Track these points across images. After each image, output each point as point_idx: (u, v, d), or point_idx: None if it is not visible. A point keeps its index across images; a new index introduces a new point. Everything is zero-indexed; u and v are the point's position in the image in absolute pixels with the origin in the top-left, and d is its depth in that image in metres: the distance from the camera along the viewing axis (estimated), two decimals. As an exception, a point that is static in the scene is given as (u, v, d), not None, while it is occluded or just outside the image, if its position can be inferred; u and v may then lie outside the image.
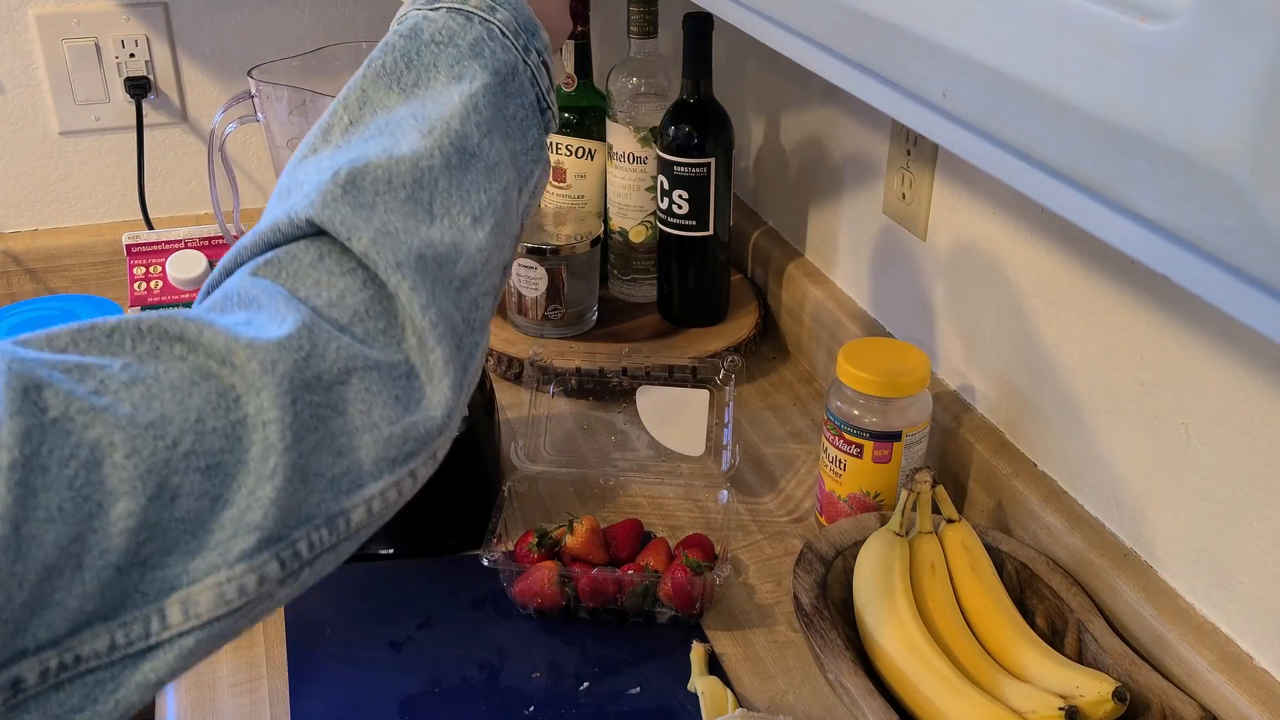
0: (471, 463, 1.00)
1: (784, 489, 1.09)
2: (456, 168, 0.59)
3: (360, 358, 0.52)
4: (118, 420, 0.46)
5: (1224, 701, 0.74)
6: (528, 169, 0.64)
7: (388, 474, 0.53)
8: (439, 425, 0.55)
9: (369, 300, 0.54)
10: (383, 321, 0.54)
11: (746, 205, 1.44)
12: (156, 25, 1.34)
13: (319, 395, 0.51)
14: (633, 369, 1.14)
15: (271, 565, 0.49)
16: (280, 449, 0.48)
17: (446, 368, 0.55)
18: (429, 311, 0.55)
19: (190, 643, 0.47)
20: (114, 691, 0.46)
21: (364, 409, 0.52)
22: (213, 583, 0.47)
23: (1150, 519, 0.83)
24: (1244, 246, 0.32)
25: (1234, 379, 0.74)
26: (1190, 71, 0.32)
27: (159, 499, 0.46)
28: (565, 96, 1.28)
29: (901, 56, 0.48)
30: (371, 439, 0.52)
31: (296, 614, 0.92)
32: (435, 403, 0.55)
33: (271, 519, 0.48)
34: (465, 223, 0.58)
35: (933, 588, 0.84)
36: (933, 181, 1.04)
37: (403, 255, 0.55)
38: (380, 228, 0.55)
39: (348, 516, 0.52)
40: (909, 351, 0.96)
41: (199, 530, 0.47)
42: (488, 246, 0.59)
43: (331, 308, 0.54)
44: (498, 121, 0.62)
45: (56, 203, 1.40)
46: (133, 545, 0.45)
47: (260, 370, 0.49)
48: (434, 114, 0.60)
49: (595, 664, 0.88)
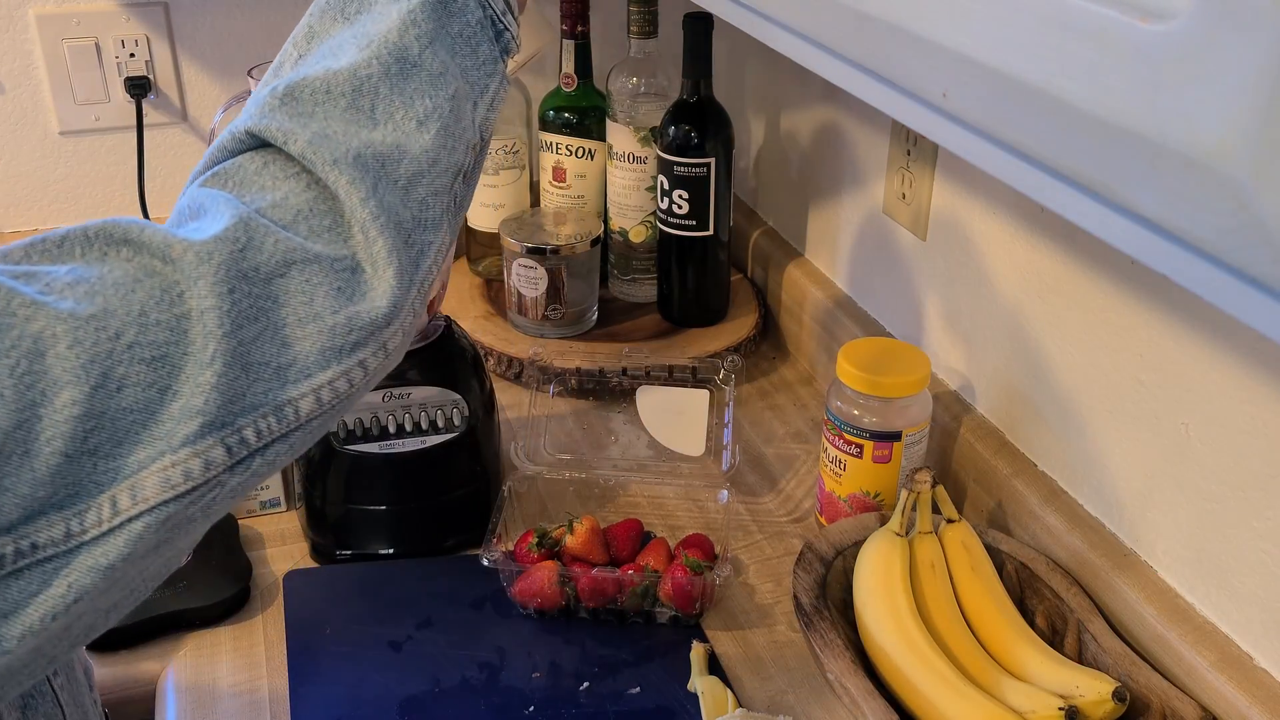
0: (471, 463, 1.00)
1: (784, 489, 1.09)
2: (397, 75, 0.60)
3: (300, 250, 0.54)
4: (59, 314, 0.47)
5: (1224, 701, 0.74)
6: (481, 82, 0.64)
7: (335, 364, 0.54)
8: (385, 314, 0.56)
9: (313, 200, 0.56)
10: (328, 219, 0.56)
11: (746, 205, 1.44)
12: (156, 25, 1.34)
13: (257, 287, 0.52)
14: (633, 369, 1.14)
15: (217, 450, 0.50)
16: (219, 335, 0.50)
17: (390, 257, 0.56)
18: (369, 204, 0.56)
19: (139, 528, 0.49)
20: (67, 576, 0.47)
21: (305, 300, 0.53)
22: (158, 468, 0.49)
23: (1150, 519, 0.83)
24: (1244, 246, 0.32)
25: (1234, 379, 0.74)
26: (1190, 71, 0.32)
27: (104, 389, 0.47)
28: (565, 96, 1.28)
29: (901, 56, 0.48)
30: (315, 329, 0.54)
31: (296, 614, 0.92)
32: (380, 292, 0.56)
33: (214, 404, 0.50)
34: (409, 126, 0.59)
35: (933, 588, 0.84)
36: (933, 181, 1.04)
37: (340, 154, 0.56)
38: (318, 131, 0.56)
39: (296, 405, 0.53)
40: (909, 351, 0.96)
41: (148, 420, 0.49)
42: (434, 148, 0.60)
43: (275, 208, 0.55)
44: (441, 36, 0.62)
45: (56, 203, 1.39)
46: (80, 433, 0.47)
47: (196, 261, 0.50)
48: (373, 30, 0.61)
49: (595, 664, 0.88)
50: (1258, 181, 0.31)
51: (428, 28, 0.61)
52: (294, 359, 0.53)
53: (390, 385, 0.95)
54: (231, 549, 0.96)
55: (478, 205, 1.34)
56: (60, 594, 0.47)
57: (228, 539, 0.97)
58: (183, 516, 0.50)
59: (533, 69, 1.45)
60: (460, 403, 0.97)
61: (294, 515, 1.03)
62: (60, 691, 0.65)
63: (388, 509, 0.97)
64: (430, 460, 0.97)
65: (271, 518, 1.03)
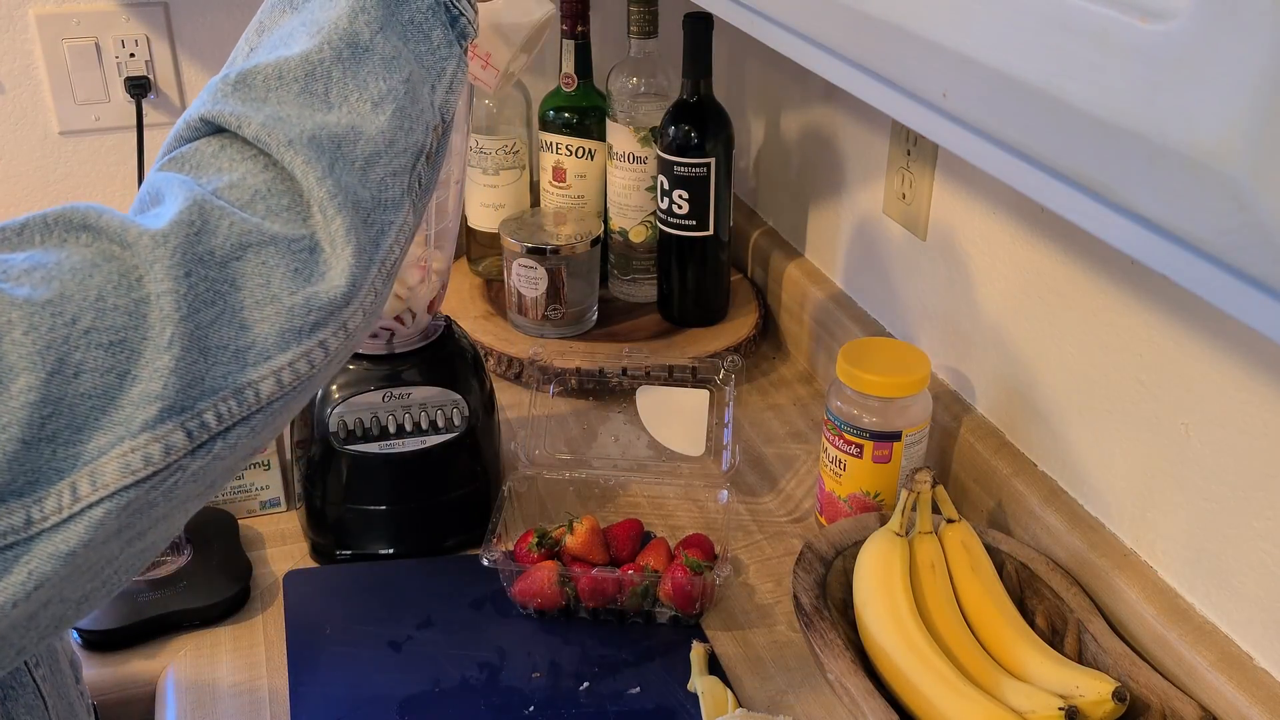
0: (471, 463, 1.00)
1: (784, 489, 1.09)
2: (349, 59, 0.60)
3: (256, 232, 0.53)
4: (14, 300, 0.47)
5: (1224, 701, 0.74)
6: (437, 66, 0.64)
7: (295, 345, 0.54)
8: (344, 294, 0.56)
9: (271, 180, 0.56)
10: (285, 199, 0.55)
11: (746, 205, 1.44)
12: (156, 25, 1.34)
13: (214, 270, 0.52)
14: (633, 369, 1.14)
15: (177, 435, 0.50)
16: (176, 319, 0.50)
17: (349, 235, 0.56)
18: (325, 182, 0.56)
19: (99, 514, 0.48)
20: (27, 563, 0.47)
21: (262, 282, 0.53)
22: (118, 453, 0.48)
23: (1150, 519, 0.83)
24: (1244, 246, 0.32)
25: (1234, 379, 0.74)
26: (1190, 71, 0.32)
27: (60, 374, 0.47)
28: (565, 96, 1.28)
29: (901, 56, 0.48)
30: (273, 310, 0.53)
31: (296, 614, 0.92)
32: (338, 271, 0.55)
33: (172, 388, 0.49)
34: (364, 108, 0.59)
35: (933, 588, 0.84)
36: (933, 181, 1.04)
37: (294, 134, 0.56)
38: (271, 114, 0.56)
39: (256, 388, 0.53)
40: (909, 351, 0.96)
41: (107, 406, 0.48)
42: (390, 129, 0.60)
43: (232, 189, 0.55)
44: (391, 23, 0.62)
45: (56, 202, 1.39)
46: (36, 419, 0.47)
47: (152, 245, 0.50)
48: (322, 18, 0.61)
49: (595, 664, 0.88)
50: (1258, 181, 0.31)
51: (377, 14, 0.61)
52: (253, 341, 0.53)
53: (390, 385, 0.95)
54: (231, 549, 0.96)
55: (477, 205, 1.34)
56: (20, 581, 0.47)
57: (228, 539, 0.97)
58: (144, 501, 0.50)
59: (533, 69, 1.45)
60: (460, 403, 0.97)
61: (294, 515, 1.03)
62: (42, 683, 0.64)
63: (388, 509, 0.97)
64: (430, 460, 0.97)
65: (271, 518, 1.03)
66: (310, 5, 0.62)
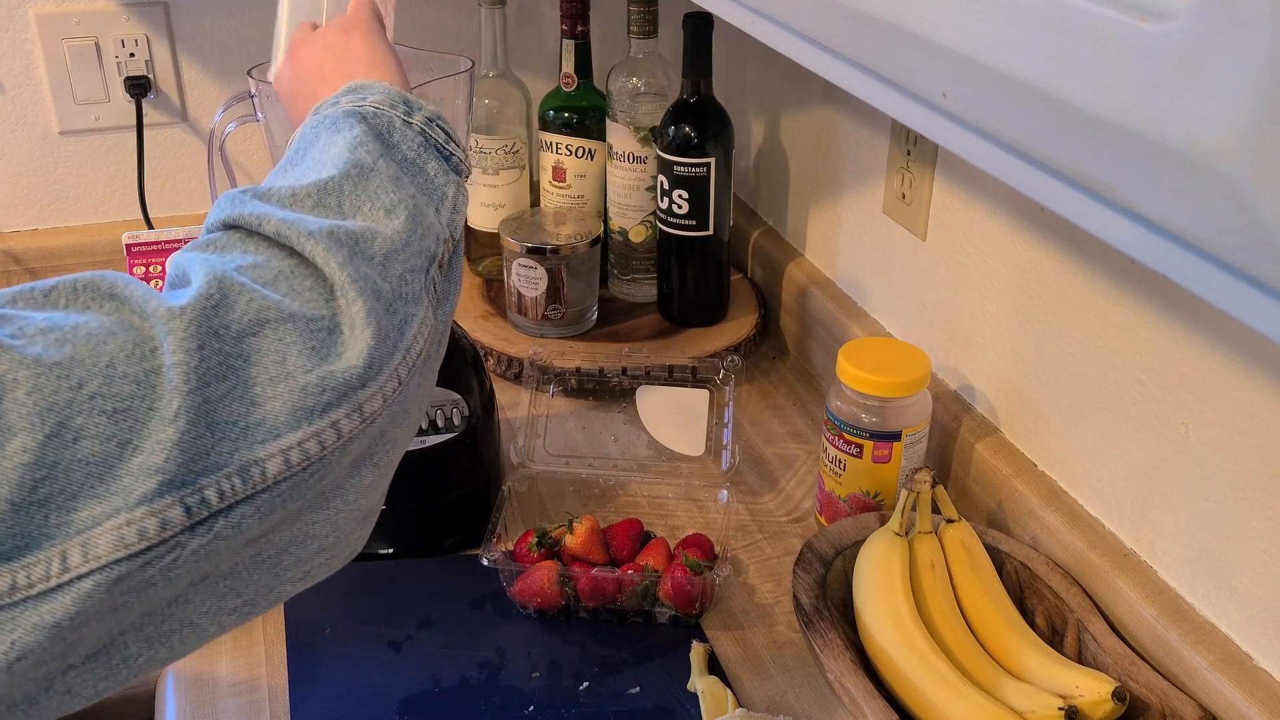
0: (471, 463, 1.00)
1: (784, 489, 1.09)
2: (357, 179, 0.61)
3: (275, 309, 0.53)
4: (23, 358, 0.46)
5: (1224, 701, 0.74)
6: (439, 192, 0.66)
7: (306, 424, 0.52)
8: (359, 375, 0.55)
9: (294, 265, 0.56)
10: (309, 281, 0.55)
11: (746, 205, 1.44)
12: (156, 25, 1.34)
13: (228, 344, 0.51)
14: (633, 369, 1.14)
15: (175, 510, 0.48)
16: (184, 392, 0.49)
17: (369, 319, 0.55)
18: (347, 268, 0.56)
19: (88, 586, 0.47)
20: (11, 632, 0.46)
21: (277, 358, 0.52)
22: (112, 525, 0.47)
23: (1150, 519, 0.83)
24: (1244, 246, 0.32)
25: (1234, 379, 0.74)
26: (1190, 71, 0.32)
27: (59, 438, 0.46)
28: (565, 96, 1.28)
29: (901, 56, 0.48)
30: (286, 388, 0.52)
31: (296, 614, 0.92)
32: (356, 353, 0.55)
33: (174, 462, 0.48)
34: (377, 215, 0.60)
35: (933, 588, 0.84)
36: (933, 181, 1.04)
37: (313, 229, 0.56)
38: (289, 218, 0.57)
39: (263, 466, 0.51)
40: (909, 351, 0.96)
41: (105, 474, 0.47)
42: (405, 231, 0.61)
43: (256, 268, 0.55)
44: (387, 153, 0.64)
45: (56, 202, 1.39)
46: (28, 482, 0.45)
47: (168, 316, 0.50)
48: (324, 156, 0.63)
49: (595, 664, 0.88)
50: (1258, 181, 0.31)
51: (375, 149, 0.63)
52: (263, 418, 0.51)
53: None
54: (231, 549, 0.96)
55: (477, 205, 1.34)
56: (2, 650, 0.45)
57: (228, 539, 0.97)
58: (139, 579, 0.48)
59: (532, 69, 1.45)
60: (460, 403, 0.97)
61: (294, 515, 1.03)
62: None
63: (388, 509, 0.97)
64: (430, 460, 0.97)
65: (271, 518, 1.03)
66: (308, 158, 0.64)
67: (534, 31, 1.47)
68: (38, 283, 0.51)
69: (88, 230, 1.40)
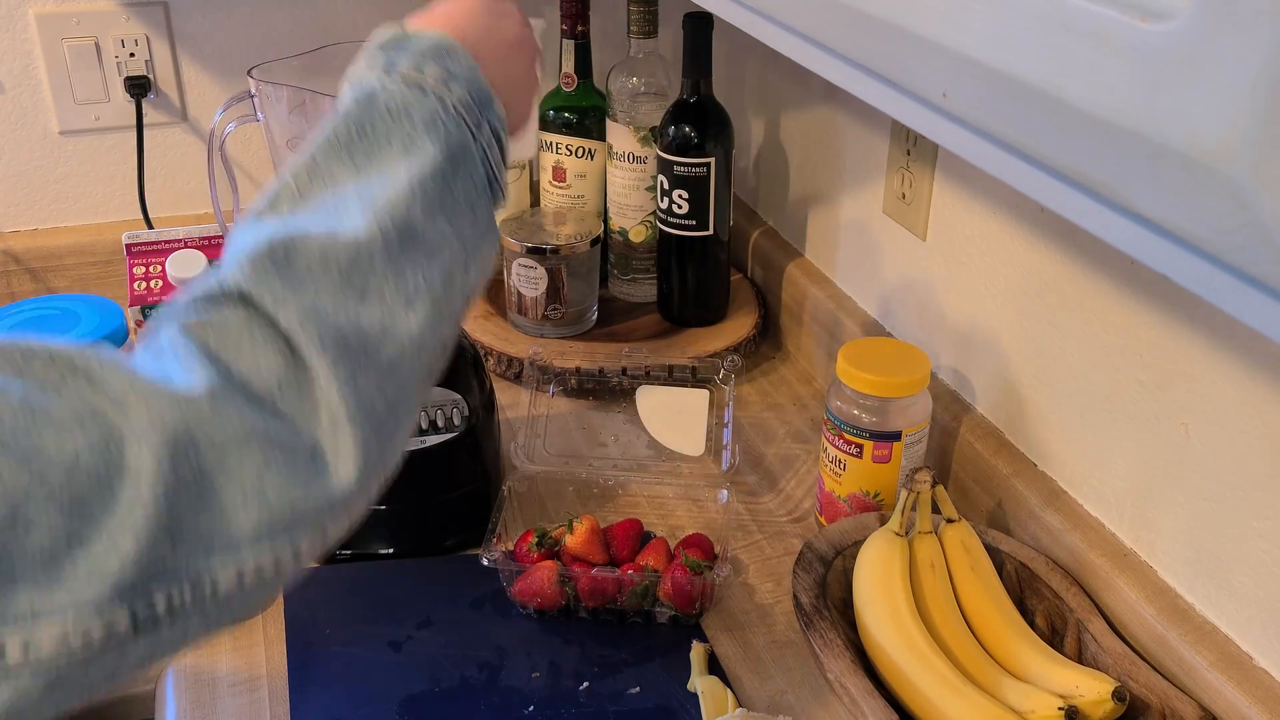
0: (471, 463, 1.00)
1: (784, 489, 1.09)
2: (396, 250, 0.59)
3: (260, 431, 0.51)
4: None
5: (1224, 701, 0.74)
6: (475, 245, 0.64)
7: (266, 542, 0.51)
8: (333, 503, 0.54)
9: (288, 377, 0.54)
10: (296, 398, 0.54)
11: (746, 205, 1.44)
12: (156, 25, 1.34)
13: (207, 458, 0.50)
14: (633, 369, 1.14)
15: (121, 615, 0.47)
16: (149, 503, 0.47)
17: (355, 450, 0.54)
18: (346, 395, 0.54)
19: (24, 684, 0.45)
20: None
21: (254, 478, 0.51)
22: (58, 622, 0.46)
23: (1150, 519, 0.83)
24: (1244, 246, 0.32)
25: (1234, 379, 0.74)
26: (1190, 71, 0.32)
27: (10, 529, 0.45)
28: (565, 96, 1.28)
29: (901, 56, 0.48)
30: (257, 506, 0.51)
31: (296, 614, 0.92)
32: (336, 482, 0.54)
33: (130, 571, 0.47)
34: (398, 306, 0.58)
35: (932, 587, 0.84)
36: (933, 181, 1.04)
37: (327, 334, 0.55)
38: (308, 306, 0.55)
39: (214, 579, 0.50)
40: (909, 351, 0.96)
41: (51, 565, 0.46)
42: (419, 332, 0.59)
43: (248, 374, 0.53)
44: (444, 201, 0.62)
45: (56, 202, 1.39)
46: None
47: (148, 424, 0.48)
48: (380, 194, 0.60)
49: (595, 664, 0.88)
50: (1258, 181, 0.31)
51: (435, 194, 0.61)
52: (223, 531, 0.50)
53: (390, 385, 0.95)
54: (231, 549, 0.96)
55: (478, 205, 1.34)
56: None
57: (228, 539, 0.97)
58: (80, 681, 0.47)
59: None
60: (460, 403, 0.97)
61: (294, 515, 1.03)
62: None
63: (388, 509, 0.97)
64: (430, 460, 0.97)
65: (271, 517, 1.03)
66: (370, 170, 0.61)
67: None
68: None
69: (88, 230, 1.40)
